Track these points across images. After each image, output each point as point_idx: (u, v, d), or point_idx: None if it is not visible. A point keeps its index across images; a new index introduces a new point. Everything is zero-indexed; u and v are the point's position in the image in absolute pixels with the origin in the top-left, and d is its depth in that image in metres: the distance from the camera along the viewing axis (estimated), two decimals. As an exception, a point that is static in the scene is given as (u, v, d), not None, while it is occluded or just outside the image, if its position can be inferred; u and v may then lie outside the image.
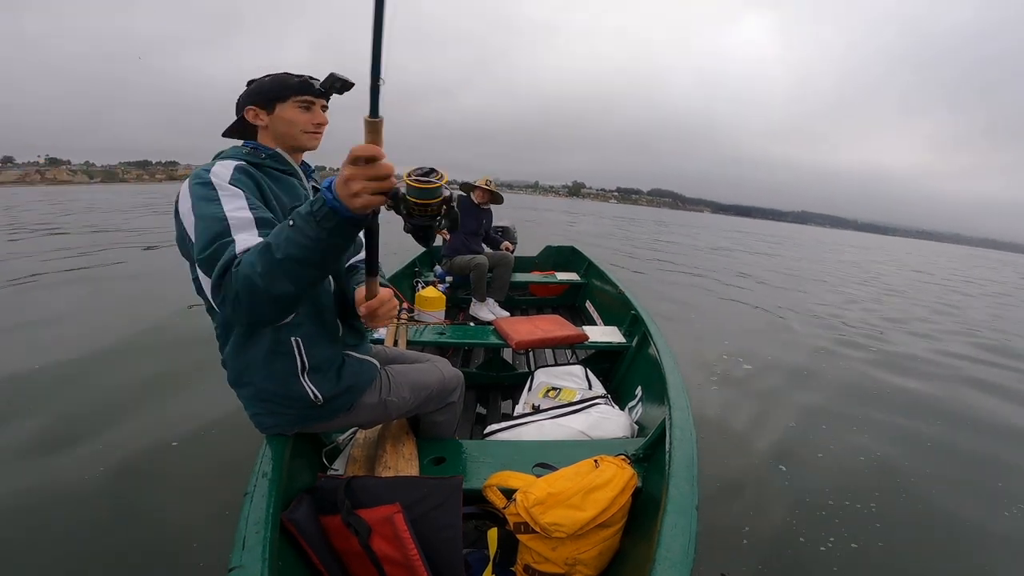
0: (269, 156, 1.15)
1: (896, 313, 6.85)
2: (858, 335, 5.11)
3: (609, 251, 11.13)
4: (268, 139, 1.18)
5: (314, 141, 1.20)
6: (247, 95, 1.16)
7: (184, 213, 0.99)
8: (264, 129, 1.17)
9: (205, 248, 0.91)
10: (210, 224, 0.93)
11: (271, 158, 1.15)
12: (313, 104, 1.16)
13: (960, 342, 5.39)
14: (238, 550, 0.89)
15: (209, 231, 0.93)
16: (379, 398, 1.28)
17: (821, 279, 10.15)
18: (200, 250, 0.92)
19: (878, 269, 14.27)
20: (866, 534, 1.87)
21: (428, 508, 1.08)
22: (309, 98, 1.15)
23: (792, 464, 2.33)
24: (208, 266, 0.91)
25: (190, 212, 0.97)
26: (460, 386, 1.49)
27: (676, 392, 1.54)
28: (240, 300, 0.88)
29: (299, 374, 1.13)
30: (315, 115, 1.17)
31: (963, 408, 3.33)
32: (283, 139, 1.17)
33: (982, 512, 2.11)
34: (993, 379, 4.09)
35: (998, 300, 10.17)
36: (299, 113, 1.15)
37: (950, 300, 9.17)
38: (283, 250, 0.84)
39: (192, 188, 1.00)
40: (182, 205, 0.99)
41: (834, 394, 3.34)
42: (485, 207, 3.83)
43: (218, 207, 0.96)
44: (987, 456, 2.65)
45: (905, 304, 7.86)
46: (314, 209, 0.83)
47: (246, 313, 0.90)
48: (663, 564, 0.87)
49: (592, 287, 3.87)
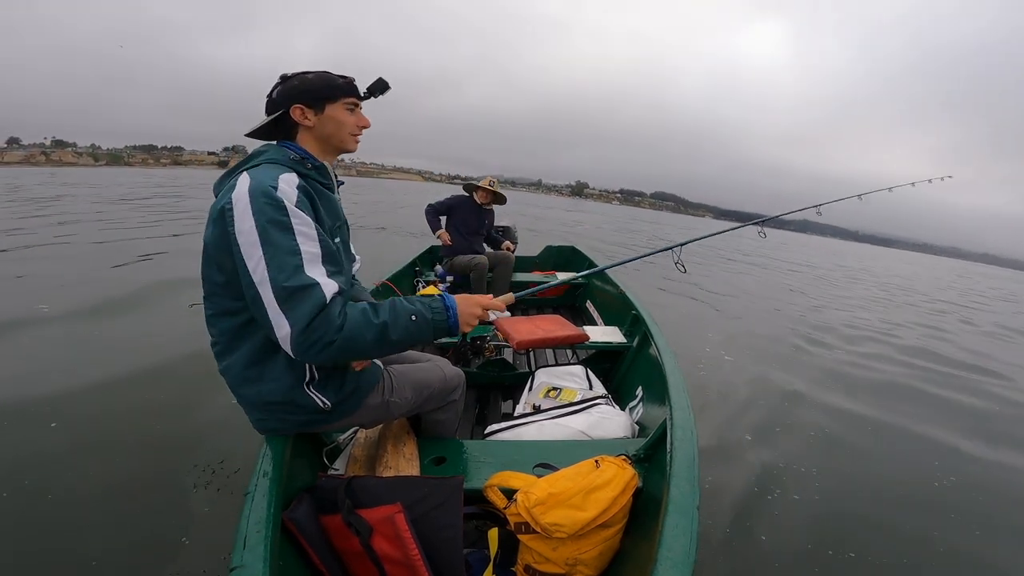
0: (315, 168, 1.11)
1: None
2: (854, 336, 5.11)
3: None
4: (310, 140, 1.14)
5: (356, 144, 1.18)
6: (294, 92, 1.10)
7: (244, 231, 0.93)
8: (307, 130, 1.13)
9: (284, 281, 0.91)
10: (285, 257, 0.92)
11: (317, 171, 1.12)
12: (357, 106, 1.16)
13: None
14: (239, 550, 0.89)
15: (285, 264, 0.92)
16: (382, 398, 1.28)
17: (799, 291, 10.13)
18: (277, 281, 0.91)
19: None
20: (868, 536, 1.87)
21: (429, 508, 1.08)
22: (355, 100, 1.14)
23: (793, 463, 2.33)
24: (285, 299, 0.91)
25: (253, 231, 0.92)
26: (461, 385, 1.49)
27: (677, 392, 1.54)
28: (333, 349, 0.93)
29: (304, 385, 1.12)
30: (360, 118, 1.17)
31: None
32: (328, 140, 1.14)
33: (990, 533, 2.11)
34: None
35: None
36: (348, 115, 1.14)
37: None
38: (399, 336, 1.00)
39: (259, 205, 0.94)
40: (242, 221, 0.93)
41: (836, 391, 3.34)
42: (488, 207, 3.83)
43: (291, 238, 0.94)
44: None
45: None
46: (436, 320, 1.05)
47: (330, 359, 0.96)
48: (664, 564, 0.87)
49: (593, 287, 3.87)
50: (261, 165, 1.04)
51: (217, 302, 1.07)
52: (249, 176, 0.99)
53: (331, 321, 0.92)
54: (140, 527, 1.64)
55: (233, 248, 0.95)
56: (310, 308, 0.90)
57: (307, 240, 0.96)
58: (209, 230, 1.00)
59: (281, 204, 0.95)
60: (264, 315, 0.93)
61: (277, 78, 1.14)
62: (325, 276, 0.95)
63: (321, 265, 0.96)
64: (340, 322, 0.93)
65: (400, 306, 1.03)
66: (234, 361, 1.10)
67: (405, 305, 1.03)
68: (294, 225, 0.95)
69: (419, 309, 1.03)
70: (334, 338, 0.92)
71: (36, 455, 1.98)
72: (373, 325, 0.96)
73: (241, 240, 0.94)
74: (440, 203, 3.76)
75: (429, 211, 3.77)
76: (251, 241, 0.93)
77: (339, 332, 0.92)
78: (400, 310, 1.02)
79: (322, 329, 0.91)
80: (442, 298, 1.09)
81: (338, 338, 0.92)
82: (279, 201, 0.95)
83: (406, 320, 1.01)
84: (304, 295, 0.91)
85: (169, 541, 1.58)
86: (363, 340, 0.95)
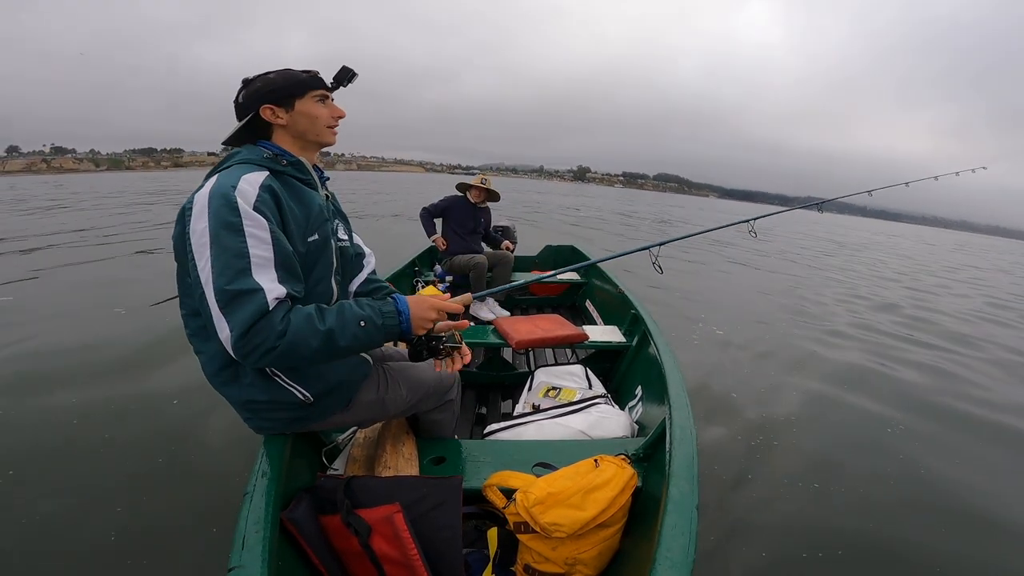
0: (291, 164, 1.11)
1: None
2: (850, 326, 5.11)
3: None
4: (286, 138, 1.13)
5: (334, 136, 1.17)
6: (259, 94, 1.09)
7: (198, 231, 0.93)
8: (282, 128, 1.12)
9: (226, 284, 0.90)
10: (231, 260, 0.91)
11: (293, 166, 1.11)
12: (327, 97, 1.14)
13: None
14: (238, 550, 0.89)
15: (230, 267, 0.91)
16: (377, 395, 1.28)
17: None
18: (219, 283, 0.90)
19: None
20: (868, 537, 1.87)
21: (428, 508, 1.08)
22: (323, 92, 1.13)
23: (794, 463, 2.33)
24: (227, 303, 0.90)
25: (206, 233, 0.92)
26: (457, 384, 1.49)
27: (676, 391, 1.54)
28: (275, 355, 0.92)
29: (277, 378, 1.11)
30: (333, 108, 1.15)
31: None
32: (304, 136, 1.13)
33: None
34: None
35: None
36: (319, 107, 1.12)
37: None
38: (347, 342, 0.98)
39: (214, 207, 0.94)
40: (197, 221, 0.94)
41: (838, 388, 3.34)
42: (482, 206, 3.82)
43: (241, 240, 0.92)
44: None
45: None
46: (388, 324, 1.03)
47: (271, 363, 0.94)
48: (663, 564, 0.87)
49: (592, 286, 3.87)
50: (232, 167, 1.05)
51: (187, 303, 1.08)
52: (217, 178, 1.00)
53: (272, 327, 0.90)
54: (138, 527, 1.63)
55: (187, 248, 0.95)
56: (250, 313, 0.89)
57: (259, 243, 0.94)
58: (175, 229, 1.02)
59: (235, 205, 0.94)
60: (209, 316, 0.93)
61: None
62: (273, 281, 0.94)
63: (272, 270, 0.94)
64: (282, 328, 0.91)
65: (349, 312, 1.01)
66: (207, 361, 1.11)
67: (354, 310, 1.01)
68: (246, 228, 0.93)
69: (369, 315, 1.02)
70: (275, 344, 0.91)
71: (34, 453, 1.99)
72: (318, 332, 0.95)
73: (193, 240, 0.94)
74: (434, 205, 3.75)
75: (424, 215, 3.76)
76: (202, 242, 0.93)
77: (280, 338, 0.91)
78: (348, 316, 1.00)
79: (262, 335, 0.90)
80: (394, 301, 1.08)
81: (280, 344, 0.91)
82: (234, 202, 0.94)
83: (354, 327, 0.99)
84: (244, 300, 0.90)
85: (168, 541, 1.58)
86: (307, 346, 0.94)
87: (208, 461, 2.00)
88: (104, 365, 2.85)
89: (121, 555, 1.52)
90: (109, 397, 2.48)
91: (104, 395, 2.50)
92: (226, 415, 2.18)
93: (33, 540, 1.56)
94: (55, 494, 1.77)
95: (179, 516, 1.69)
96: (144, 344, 3.19)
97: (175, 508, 1.73)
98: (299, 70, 1.12)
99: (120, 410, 2.36)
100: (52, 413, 2.30)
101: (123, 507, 1.72)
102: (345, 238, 1.28)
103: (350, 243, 1.30)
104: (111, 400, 2.45)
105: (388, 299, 1.08)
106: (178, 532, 1.62)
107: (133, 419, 2.30)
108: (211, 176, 1.04)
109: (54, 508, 1.70)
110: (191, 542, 1.58)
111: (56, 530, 1.61)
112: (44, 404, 2.39)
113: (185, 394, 2.53)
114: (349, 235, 1.31)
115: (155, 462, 1.99)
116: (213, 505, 1.74)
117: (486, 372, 2.54)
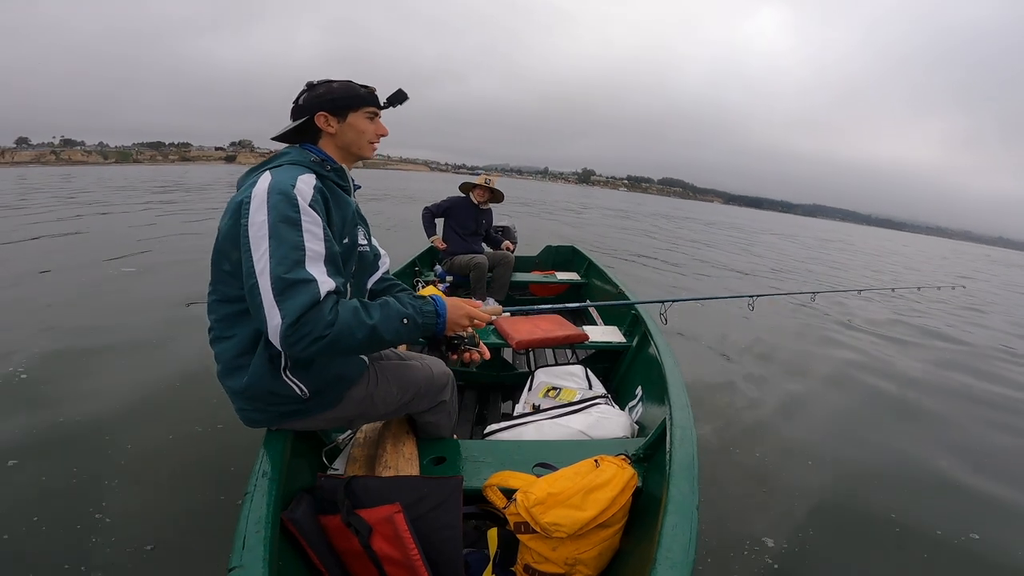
0: (335, 171, 1.18)
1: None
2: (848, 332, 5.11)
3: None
4: (331, 145, 1.20)
5: (373, 151, 1.25)
6: (319, 100, 1.16)
7: (256, 223, 0.98)
8: (329, 136, 1.19)
9: (284, 272, 0.94)
10: (289, 251, 0.96)
11: (336, 172, 1.18)
12: (376, 115, 1.22)
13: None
14: (238, 550, 0.89)
15: (287, 257, 0.96)
16: (366, 392, 1.28)
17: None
18: (277, 272, 0.94)
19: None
20: (868, 534, 1.87)
21: (428, 508, 1.08)
22: (375, 109, 1.20)
23: (795, 464, 2.33)
24: (283, 291, 0.94)
25: (265, 225, 0.97)
26: (450, 385, 1.48)
27: (676, 391, 1.54)
28: (322, 344, 0.95)
29: (281, 371, 1.13)
30: (379, 126, 1.23)
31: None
32: (348, 147, 1.21)
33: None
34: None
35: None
36: (367, 123, 1.20)
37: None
38: (390, 336, 1.04)
39: (274, 201, 0.99)
40: (256, 214, 0.99)
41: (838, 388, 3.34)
42: (485, 206, 3.83)
43: (298, 234, 0.98)
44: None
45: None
46: (427, 323, 1.11)
47: (318, 353, 0.97)
48: (663, 564, 0.87)
49: (592, 287, 3.87)
50: (283, 165, 1.11)
51: (220, 289, 1.12)
52: (271, 174, 1.06)
53: (322, 317, 0.94)
54: (138, 527, 1.63)
55: (242, 239, 1.00)
56: (303, 302, 0.93)
57: (313, 239, 1.00)
58: (224, 221, 1.07)
59: (295, 202, 1.00)
60: (259, 305, 0.96)
61: (303, 85, 1.20)
62: (324, 275, 0.98)
63: (322, 264, 1.00)
64: (331, 319, 0.95)
65: (393, 308, 1.07)
66: (227, 347, 1.14)
67: (397, 308, 1.07)
68: (303, 223, 0.99)
69: (411, 313, 1.08)
70: (324, 333, 0.94)
71: (31, 451, 1.99)
72: (365, 325, 1.00)
73: (252, 232, 0.99)
74: (437, 205, 3.76)
75: (426, 214, 3.77)
76: (261, 234, 0.97)
77: (329, 328, 0.95)
78: (392, 313, 1.06)
79: (312, 324, 0.93)
80: (434, 303, 1.14)
81: (329, 333, 0.95)
82: (294, 199, 1.00)
83: (397, 323, 1.05)
84: (299, 289, 0.94)
85: (167, 541, 1.58)
86: (353, 338, 0.98)
87: (208, 461, 2.00)
88: (103, 366, 2.86)
89: (121, 555, 1.52)
90: (109, 397, 2.48)
91: (104, 395, 2.50)
92: (226, 415, 2.18)
93: (33, 540, 1.56)
94: (55, 494, 1.77)
95: (179, 516, 1.69)
96: (143, 342, 3.19)
97: (175, 508, 1.73)
98: (359, 84, 1.20)
99: (118, 409, 2.36)
100: (52, 413, 2.31)
101: (123, 507, 1.72)
102: (365, 242, 1.33)
103: (369, 246, 1.36)
104: (110, 399, 2.46)
105: (429, 299, 1.15)
106: (178, 532, 1.62)
107: (133, 419, 2.30)
108: (260, 171, 1.10)
109: (54, 508, 1.70)
110: (191, 542, 1.58)
111: (56, 530, 1.61)
112: (42, 403, 2.39)
113: (185, 394, 2.53)
114: (368, 239, 1.37)
115: (155, 462, 1.99)
116: (213, 505, 1.74)
117: (486, 372, 2.54)
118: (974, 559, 1.83)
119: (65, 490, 1.79)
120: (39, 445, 2.05)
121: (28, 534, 1.58)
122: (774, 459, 2.36)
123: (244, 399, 1.17)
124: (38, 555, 1.51)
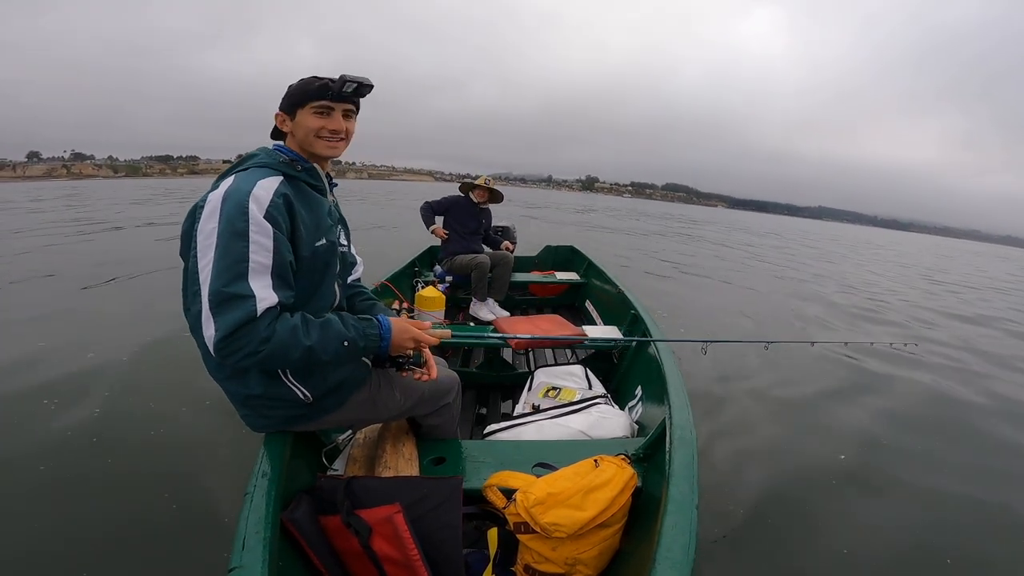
0: (306, 170, 1.14)
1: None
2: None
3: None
4: (294, 145, 1.17)
5: (329, 149, 1.14)
6: (283, 99, 1.15)
7: (206, 231, 0.96)
8: (290, 136, 1.16)
9: (222, 286, 0.93)
10: (232, 263, 0.94)
11: (307, 172, 1.14)
12: (332, 110, 1.12)
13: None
14: (238, 550, 0.89)
15: (228, 270, 0.94)
16: (368, 395, 1.28)
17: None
18: (215, 285, 0.93)
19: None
20: (871, 536, 1.87)
21: (428, 508, 1.08)
22: (326, 103, 1.10)
23: (796, 463, 2.33)
24: (218, 304, 0.93)
25: (213, 234, 0.95)
26: (455, 388, 1.48)
27: (676, 392, 1.54)
28: (254, 358, 0.95)
29: (282, 376, 1.12)
30: (331, 120, 1.12)
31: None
32: (302, 146, 1.15)
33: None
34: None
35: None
36: (315, 119, 1.11)
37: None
38: (328, 357, 1.03)
39: (226, 210, 0.97)
40: (207, 221, 0.97)
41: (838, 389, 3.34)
42: (484, 207, 3.83)
43: (244, 246, 0.95)
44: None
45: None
46: (369, 347, 1.10)
47: (253, 366, 0.99)
48: (663, 564, 0.87)
49: (592, 287, 3.87)
50: (249, 168, 1.08)
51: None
52: (233, 179, 1.03)
53: (256, 333, 0.93)
54: (138, 528, 1.63)
55: (192, 244, 0.99)
56: (237, 318, 0.92)
57: (260, 250, 0.96)
58: (183, 225, 1.05)
59: (245, 211, 0.96)
60: (197, 313, 0.96)
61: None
62: (268, 288, 0.96)
63: (268, 277, 0.97)
64: (266, 335, 0.94)
65: (334, 330, 1.04)
66: (209, 355, 1.12)
67: (339, 330, 1.05)
68: (251, 234, 0.96)
69: (353, 336, 1.06)
70: (258, 349, 0.94)
71: (31, 449, 1.98)
72: (301, 345, 0.98)
73: (200, 239, 0.97)
74: (437, 202, 3.75)
75: (425, 208, 3.75)
76: (208, 243, 0.96)
77: (264, 344, 0.94)
78: (332, 334, 1.04)
79: (245, 339, 0.93)
80: (379, 326, 1.12)
81: (263, 349, 0.94)
82: (244, 209, 0.97)
83: (337, 344, 1.04)
84: (235, 304, 0.92)
85: (167, 542, 1.58)
86: (287, 357, 0.98)
87: (208, 461, 1.99)
88: (101, 366, 2.86)
89: (122, 556, 1.52)
90: (108, 397, 2.48)
91: (103, 395, 2.50)
92: (226, 415, 2.18)
93: (33, 540, 1.56)
94: (55, 494, 1.77)
95: (179, 516, 1.69)
96: (141, 346, 3.19)
97: (175, 509, 1.73)
98: (319, 78, 1.11)
99: (119, 409, 2.36)
100: (51, 412, 2.30)
101: (123, 508, 1.72)
102: (345, 243, 1.31)
103: (348, 250, 1.34)
104: (110, 400, 2.45)
105: (374, 321, 1.13)
106: (178, 533, 1.62)
107: (133, 419, 2.29)
108: (227, 176, 1.07)
109: (54, 508, 1.70)
110: (191, 543, 1.58)
111: (56, 530, 1.60)
112: (41, 403, 2.39)
113: (185, 394, 2.52)
114: (348, 242, 1.35)
115: (155, 462, 1.98)
116: (213, 505, 1.74)
117: (486, 372, 2.54)
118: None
119: (64, 490, 1.79)
120: (38, 445, 2.05)
121: (28, 534, 1.58)
122: (776, 459, 2.36)
123: (246, 405, 1.16)
124: (38, 555, 1.51)
